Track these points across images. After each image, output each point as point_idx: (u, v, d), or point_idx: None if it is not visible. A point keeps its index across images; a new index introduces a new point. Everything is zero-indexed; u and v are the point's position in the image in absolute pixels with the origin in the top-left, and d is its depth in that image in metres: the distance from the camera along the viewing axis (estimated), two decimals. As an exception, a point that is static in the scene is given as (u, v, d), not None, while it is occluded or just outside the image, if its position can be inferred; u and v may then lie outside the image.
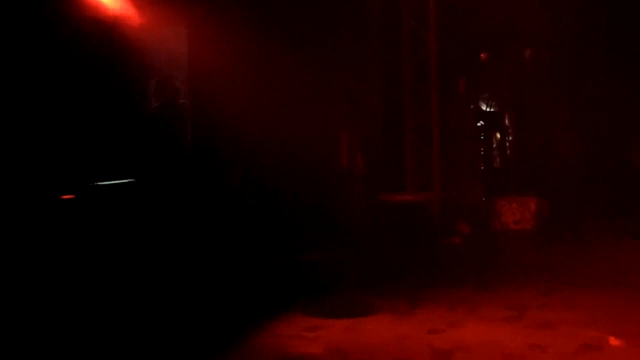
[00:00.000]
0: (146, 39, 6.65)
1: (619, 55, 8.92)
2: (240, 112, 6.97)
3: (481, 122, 9.86)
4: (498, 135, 10.24)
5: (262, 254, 6.25)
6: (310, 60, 7.55)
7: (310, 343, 4.55)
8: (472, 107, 9.66)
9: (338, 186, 7.82)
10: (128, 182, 6.05)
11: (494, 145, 10.22)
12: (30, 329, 4.34)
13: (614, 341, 4.36)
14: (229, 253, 6.14)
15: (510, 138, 10.23)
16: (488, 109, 10.09)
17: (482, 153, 9.71)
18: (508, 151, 10.21)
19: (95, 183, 5.72)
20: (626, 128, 8.96)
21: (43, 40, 5.24)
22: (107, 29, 6.16)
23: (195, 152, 7.01)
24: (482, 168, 9.60)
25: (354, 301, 5.53)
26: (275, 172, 6.97)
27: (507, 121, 10.27)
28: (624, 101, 8.95)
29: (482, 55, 9.88)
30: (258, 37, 7.13)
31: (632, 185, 8.36)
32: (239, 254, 6.17)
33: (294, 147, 7.20)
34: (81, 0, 5.88)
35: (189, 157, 6.97)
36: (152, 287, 5.32)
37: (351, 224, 7.45)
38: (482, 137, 9.78)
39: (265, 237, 6.46)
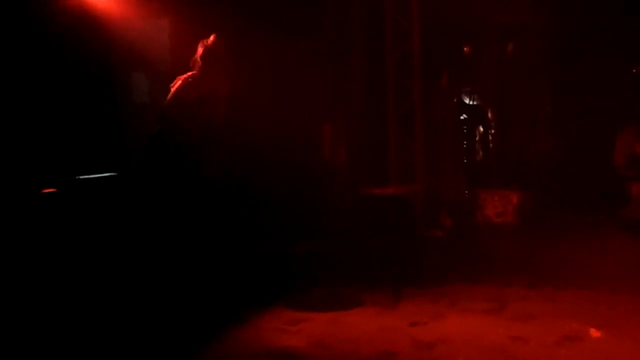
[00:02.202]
0: (128, 32, 6.60)
1: (602, 49, 8.97)
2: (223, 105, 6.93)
3: (464, 115, 9.90)
4: (481, 129, 10.30)
5: (244, 247, 6.23)
6: (292, 53, 7.53)
7: (292, 336, 4.55)
8: (455, 100, 9.69)
9: (320, 179, 7.81)
10: (110, 175, 6.01)
11: (477, 139, 10.28)
12: (9, 324, 4.31)
13: (594, 332, 4.41)
14: (211, 247, 6.11)
15: (493, 131, 10.29)
16: (471, 103, 10.13)
17: (464, 146, 9.75)
18: (490, 144, 10.26)
19: (77, 177, 5.68)
20: (608, 122, 9.02)
21: (23, 33, 5.19)
22: (88, 22, 6.10)
23: (176, 146, 6.96)
24: (465, 161, 9.65)
25: (337, 294, 5.54)
26: (256, 165, 6.95)
27: (489, 115, 10.33)
28: (606, 95, 9.01)
29: (465, 48, 9.93)
30: (239, 30, 7.09)
31: (614, 179, 8.43)
32: (221, 248, 6.15)
33: (276, 139, 7.17)
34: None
35: (169, 151, 6.92)
36: (134, 281, 5.29)
37: (334, 217, 7.45)
38: (464, 131, 9.82)
39: (247, 231, 6.44)
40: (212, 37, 6.08)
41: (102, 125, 6.12)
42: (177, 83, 6.03)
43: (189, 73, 6.08)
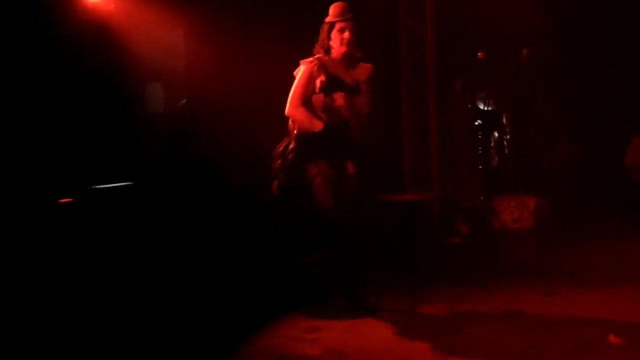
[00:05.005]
0: (143, 41, 6.65)
1: (620, 53, 8.92)
2: (238, 114, 6.96)
3: (479, 121, 9.87)
4: (496, 135, 10.25)
5: (261, 256, 6.24)
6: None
7: (309, 344, 4.53)
8: (469, 106, 9.66)
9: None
10: (126, 185, 6.05)
11: (492, 145, 10.23)
12: (27, 334, 4.33)
13: (613, 339, 4.36)
14: (228, 255, 6.13)
15: (508, 137, 10.24)
16: (485, 108, 10.10)
17: (480, 152, 9.72)
18: (506, 150, 10.22)
19: (94, 186, 5.72)
20: (626, 126, 8.97)
21: (38, 44, 5.25)
22: (103, 32, 6.16)
23: (194, 155, 7.00)
24: (480, 167, 9.61)
25: (354, 302, 5.51)
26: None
27: (504, 120, 10.28)
28: (624, 99, 8.95)
29: (479, 54, 9.89)
30: (257, 38, 7.12)
31: (630, 183, 8.38)
32: (238, 257, 6.16)
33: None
34: (76, 3, 5.88)
35: (187, 160, 6.96)
36: (151, 290, 5.31)
37: (351, 224, 7.42)
38: (479, 137, 9.79)
39: (263, 239, 6.45)
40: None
41: (119, 135, 6.16)
42: (298, 75, 4.80)
43: (315, 57, 4.75)
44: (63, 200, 5.25)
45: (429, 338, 4.55)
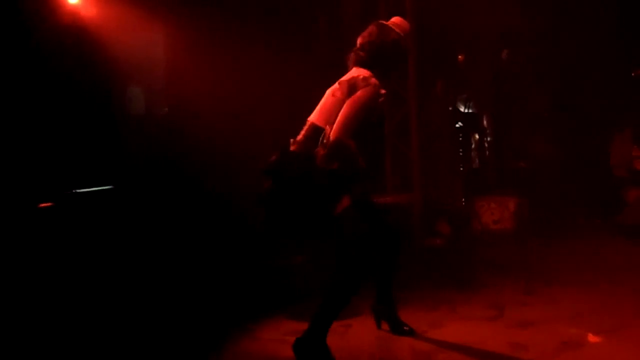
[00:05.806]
0: (123, 46, 6.62)
1: (599, 53, 9.00)
2: (220, 118, 6.95)
3: (459, 123, 9.92)
4: (476, 136, 10.31)
5: (244, 258, 6.22)
6: (288, 64, 7.55)
7: (291, 347, 4.54)
8: (450, 108, 9.71)
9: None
10: (107, 189, 6.02)
11: (473, 146, 10.29)
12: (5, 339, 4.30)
13: (592, 338, 4.41)
14: (211, 258, 6.11)
15: (489, 139, 10.30)
16: (466, 110, 10.15)
17: (460, 154, 9.77)
18: (487, 152, 10.27)
19: (74, 190, 5.68)
20: (606, 127, 9.05)
21: (19, 47, 5.21)
22: (84, 35, 6.13)
23: (176, 159, 6.97)
24: (461, 169, 9.66)
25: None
26: (254, 178, 6.96)
27: (485, 122, 10.34)
28: (604, 99, 9.03)
29: (459, 56, 9.94)
30: (237, 43, 7.12)
31: (610, 184, 8.45)
32: (221, 259, 6.15)
33: (275, 150, 7.18)
34: (57, 7, 5.85)
35: (169, 164, 6.94)
36: (133, 294, 5.29)
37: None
38: (460, 138, 9.84)
39: (248, 242, 6.43)
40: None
41: (99, 139, 6.13)
42: (362, 96, 3.84)
43: (373, 79, 3.90)
44: (42, 205, 5.21)
45: (410, 339, 4.58)
